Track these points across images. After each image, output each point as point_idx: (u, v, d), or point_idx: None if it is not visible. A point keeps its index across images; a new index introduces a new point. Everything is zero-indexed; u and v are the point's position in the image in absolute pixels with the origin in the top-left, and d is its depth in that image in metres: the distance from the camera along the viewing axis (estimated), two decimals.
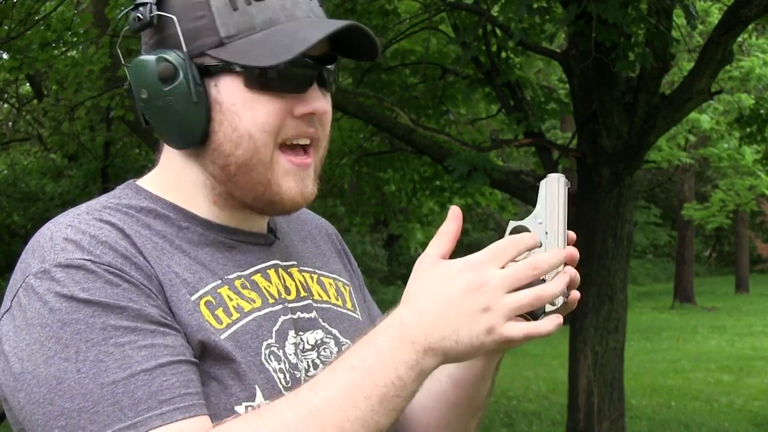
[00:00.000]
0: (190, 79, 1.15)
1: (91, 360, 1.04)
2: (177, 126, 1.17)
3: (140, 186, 1.24)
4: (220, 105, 1.16)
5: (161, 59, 1.15)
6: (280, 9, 1.16)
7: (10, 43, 6.61)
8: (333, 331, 1.29)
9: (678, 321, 18.10)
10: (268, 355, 1.17)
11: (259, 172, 1.18)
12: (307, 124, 1.19)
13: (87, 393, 1.03)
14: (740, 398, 10.10)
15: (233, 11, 1.15)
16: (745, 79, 9.65)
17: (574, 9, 5.13)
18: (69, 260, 1.08)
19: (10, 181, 15.94)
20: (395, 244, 18.29)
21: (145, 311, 1.08)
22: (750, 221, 25.35)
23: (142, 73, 1.17)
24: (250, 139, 1.16)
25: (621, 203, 6.25)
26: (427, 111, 7.92)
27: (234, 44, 1.15)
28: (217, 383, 1.12)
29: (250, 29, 1.15)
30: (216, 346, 1.12)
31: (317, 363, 1.23)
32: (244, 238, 1.25)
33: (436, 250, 1.10)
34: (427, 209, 9.41)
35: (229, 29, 1.15)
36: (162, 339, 1.08)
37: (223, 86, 1.16)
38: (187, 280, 1.15)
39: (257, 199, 1.20)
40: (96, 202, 1.20)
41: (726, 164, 13.48)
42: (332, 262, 1.39)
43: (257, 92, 1.16)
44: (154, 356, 1.06)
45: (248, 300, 1.19)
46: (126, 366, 1.04)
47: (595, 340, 6.24)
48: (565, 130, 14.76)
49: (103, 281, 1.07)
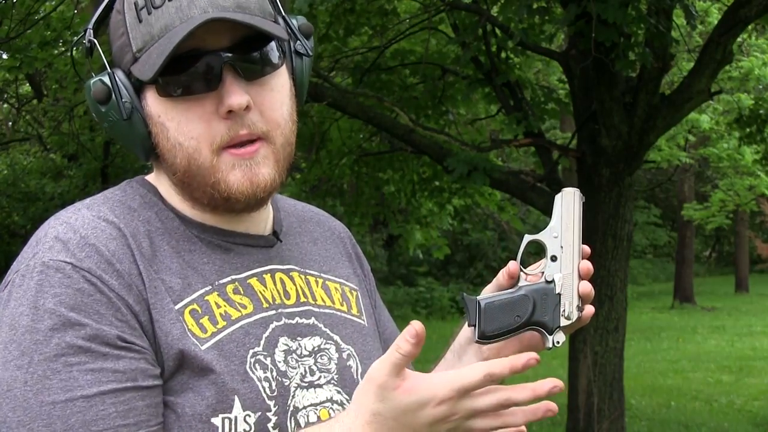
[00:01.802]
0: (119, 98, 1.16)
1: (39, 375, 1.05)
2: (127, 142, 1.18)
3: (148, 182, 1.24)
4: (152, 118, 1.17)
5: (97, 82, 1.17)
6: (175, 12, 1.13)
7: (10, 42, 6.59)
8: (334, 337, 1.27)
9: (678, 321, 18.09)
10: (253, 363, 1.16)
11: (202, 175, 1.16)
12: (239, 124, 1.14)
13: (27, 408, 1.04)
14: (740, 398, 10.10)
15: (139, 23, 1.15)
16: (744, 79, 9.65)
17: (574, 9, 5.13)
18: (52, 260, 1.09)
19: (10, 181, 15.93)
20: (395, 244, 18.28)
21: (102, 332, 1.07)
22: (750, 221, 25.35)
23: (87, 96, 1.19)
24: (181, 148, 1.16)
25: (621, 203, 6.25)
26: (427, 111, 7.91)
27: (142, 57, 1.15)
28: (193, 394, 1.11)
29: (151, 40, 1.14)
30: (195, 357, 1.12)
31: (314, 369, 1.22)
32: (241, 240, 1.23)
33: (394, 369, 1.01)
34: (426, 210, 9.40)
35: (138, 43, 1.15)
36: (113, 363, 1.07)
37: (149, 101, 1.17)
38: (173, 287, 1.14)
39: (212, 200, 1.18)
40: (102, 196, 1.21)
41: (726, 164, 13.47)
42: (341, 266, 1.37)
43: (173, 101, 1.15)
44: (98, 381, 1.05)
45: (238, 306, 1.18)
46: (68, 388, 1.04)
47: (595, 340, 6.24)
48: (565, 130, 14.75)
49: (74, 289, 1.08)
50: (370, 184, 9.04)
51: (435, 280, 20.51)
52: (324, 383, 1.22)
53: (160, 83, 1.14)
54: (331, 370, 1.24)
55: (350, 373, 1.26)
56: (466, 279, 20.92)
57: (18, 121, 18.08)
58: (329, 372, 1.24)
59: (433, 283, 20.21)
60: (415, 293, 19.63)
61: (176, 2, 1.13)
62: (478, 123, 8.97)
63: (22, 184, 15.60)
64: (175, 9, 1.13)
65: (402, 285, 19.86)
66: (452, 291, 20.15)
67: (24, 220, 15.36)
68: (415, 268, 20.58)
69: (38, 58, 6.96)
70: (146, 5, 1.14)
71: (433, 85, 7.74)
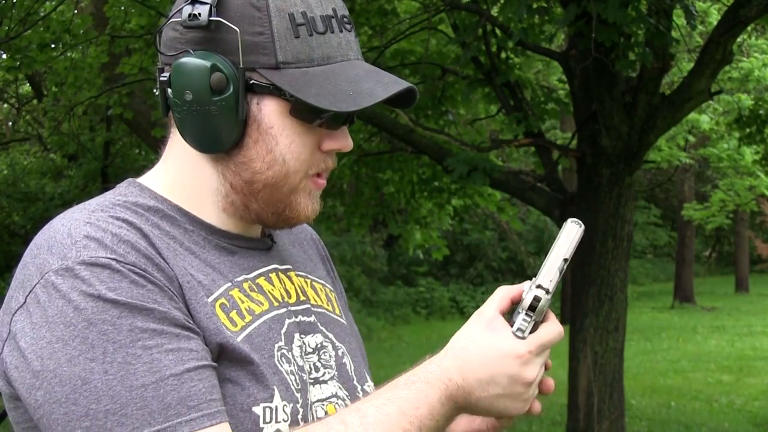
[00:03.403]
0: (240, 96, 1.14)
1: (119, 362, 1.03)
2: (211, 133, 1.16)
3: (143, 184, 1.23)
4: (258, 124, 1.16)
5: (215, 68, 1.13)
6: (337, 47, 1.17)
7: (10, 43, 6.59)
8: (330, 336, 1.30)
9: (678, 321, 18.08)
10: (279, 357, 1.18)
11: (283, 192, 1.19)
12: (332, 158, 1.23)
13: (115, 395, 1.02)
14: (740, 398, 10.10)
15: (294, 38, 1.14)
16: (744, 79, 9.65)
17: (574, 9, 5.13)
18: (93, 258, 1.07)
19: (10, 181, 15.94)
20: (395, 244, 18.28)
21: (170, 314, 1.08)
22: (750, 221, 25.34)
23: (191, 75, 1.14)
24: (283, 164, 1.17)
25: (621, 203, 6.25)
26: (427, 111, 7.91)
27: (290, 71, 1.14)
28: (232, 385, 1.12)
29: (308, 61, 1.15)
30: (234, 349, 1.13)
31: (318, 366, 1.24)
32: (245, 243, 1.25)
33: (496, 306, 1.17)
34: (425, 210, 9.40)
35: (287, 55, 1.14)
36: (186, 343, 1.07)
37: (266, 107, 1.16)
38: (202, 282, 1.15)
39: (275, 215, 1.21)
40: (104, 199, 1.19)
41: (726, 164, 13.46)
42: (318, 267, 1.40)
43: (297, 122, 1.17)
44: (181, 360, 1.06)
45: (257, 302, 1.20)
46: (155, 370, 1.04)
47: (595, 340, 6.24)
48: (565, 130, 14.76)
49: (128, 281, 1.07)
50: (369, 185, 9.03)
51: (435, 280, 20.51)
52: (328, 379, 1.25)
53: (300, 105, 1.15)
54: (333, 366, 1.27)
55: (346, 370, 1.29)
56: (466, 279, 20.91)
57: (18, 121, 18.10)
58: (331, 368, 1.26)
59: (433, 283, 20.20)
60: (415, 293, 19.63)
61: (337, 37, 1.17)
62: (478, 123, 8.97)
63: (22, 184, 15.61)
64: (336, 44, 1.17)
65: (402, 285, 19.86)
66: (452, 291, 20.15)
67: (24, 220, 15.36)
68: (415, 268, 20.58)
69: (37, 59, 6.96)
70: (307, 25, 1.15)
71: (433, 85, 7.74)
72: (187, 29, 1.16)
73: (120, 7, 7.51)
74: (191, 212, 1.21)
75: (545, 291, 1.16)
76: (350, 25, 1.20)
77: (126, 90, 7.95)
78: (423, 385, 1.13)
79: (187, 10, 1.15)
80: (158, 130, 7.81)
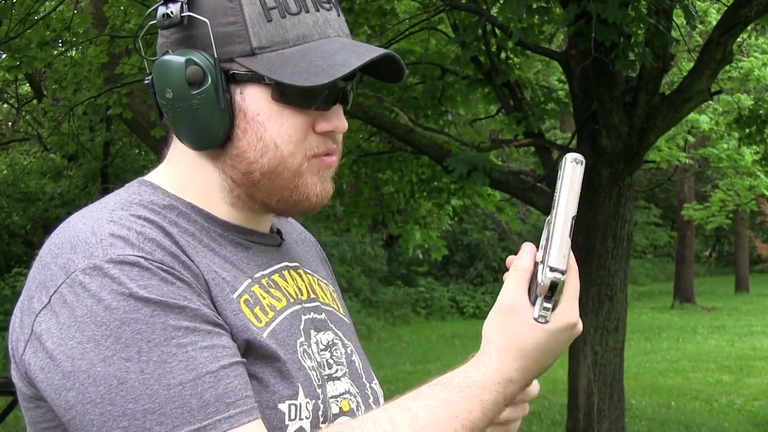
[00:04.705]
0: (219, 86, 1.14)
1: (155, 361, 1.02)
2: (199, 128, 1.16)
3: (155, 183, 1.22)
4: (245, 113, 1.16)
5: (190, 62, 1.14)
6: (313, 25, 1.15)
7: (9, 42, 6.59)
8: (339, 333, 1.30)
9: (678, 321, 18.08)
10: (302, 353, 1.18)
11: (285, 178, 1.18)
12: (331, 140, 1.21)
13: (153, 394, 1.02)
14: (740, 398, 10.10)
15: (267, 22, 1.14)
16: (744, 79, 9.65)
17: (574, 9, 5.13)
18: (121, 256, 1.06)
19: (9, 181, 15.92)
20: (395, 244, 18.28)
21: (201, 311, 1.07)
22: (750, 221, 25.33)
23: (168, 73, 1.15)
24: (276, 149, 1.16)
25: (621, 203, 6.25)
26: (427, 111, 7.91)
27: (266, 56, 1.14)
28: (257, 382, 1.11)
29: (283, 43, 1.14)
30: (261, 345, 1.13)
31: (330, 362, 1.24)
32: (257, 239, 1.25)
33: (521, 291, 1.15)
34: (425, 210, 9.40)
35: (261, 40, 1.14)
36: (219, 339, 1.07)
37: (249, 95, 1.15)
38: (225, 278, 1.15)
39: (282, 201, 1.20)
40: (120, 198, 1.18)
41: (726, 164, 13.46)
42: (320, 267, 1.40)
43: (282, 105, 1.15)
44: (216, 357, 1.05)
45: (276, 298, 1.20)
46: (191, 367, 1.03)
47: (595, 340, 6.24)
48: (565, 130, 14.76)
49: (158, 279, 1.06)
50: (369, 185, 9.04)
51: (435, 280, 20.51)
52: (341, 376, 1.25)
53: (281, 87, 1.14)
54: (344, 363, 1.27)
55: (356, 367, 1.30)
56: (466, 279, 20.91)
57: (18, 121, 18.10)
58: (343, 365, 1.27)
59: (433, 283, 20.21)
60: (415, 293, 19.62)
61: (312, 16, 1.15)
62: (478, 123, 8.97)
63: (22, 184, 15.59)
64: (312, 22, 1.15)
65: (402, 285, 19.86)
66: (452, 291, 20.15)
67: (24, 220, 15.36)
68: (415, 268, 20.59)
69: (37, 58, 6.96)
70: (278, 7, 1.14)
71: (433, 85, 7.74)
72: (168, 31, 1.17)
73: (119, 6, 7.51)
74: (204, 209, 1.20)
75: (561, 273, 1.11)
76: (329, 4, 1.18)
77: (125, 90, 7.94)
78: (478, 390, 1.11)
79: (161, 10, 1.16)
80: (158, 130, 7.80)
